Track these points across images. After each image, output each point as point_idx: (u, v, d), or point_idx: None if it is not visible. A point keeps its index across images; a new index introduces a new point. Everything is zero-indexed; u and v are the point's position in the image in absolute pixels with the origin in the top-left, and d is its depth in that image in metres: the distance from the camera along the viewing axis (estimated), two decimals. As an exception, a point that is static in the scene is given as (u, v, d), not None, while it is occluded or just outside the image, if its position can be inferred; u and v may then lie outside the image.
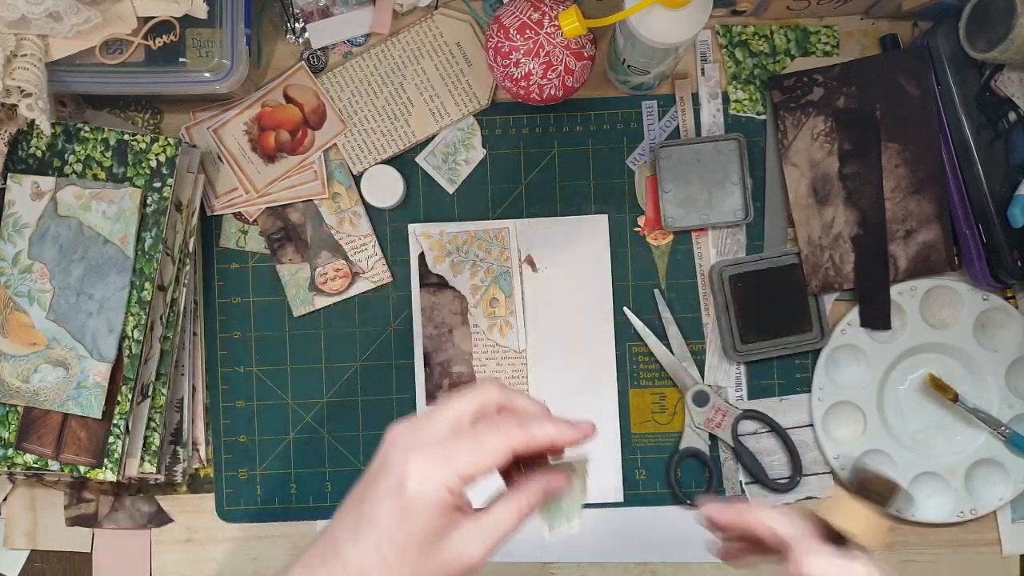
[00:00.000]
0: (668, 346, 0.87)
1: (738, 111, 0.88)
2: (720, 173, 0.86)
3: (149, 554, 0.87)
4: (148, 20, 0.79)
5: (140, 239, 0.79)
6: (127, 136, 0.81)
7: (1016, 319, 0.85)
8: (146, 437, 0.80)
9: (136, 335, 0.78)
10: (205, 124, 0.88)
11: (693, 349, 0.87)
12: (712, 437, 0.87)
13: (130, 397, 0.78)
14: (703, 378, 0.87)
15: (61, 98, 0.85)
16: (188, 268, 0.83)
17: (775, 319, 0.86)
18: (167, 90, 0.82)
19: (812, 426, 0.86)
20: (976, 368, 0.86)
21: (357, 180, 0.88)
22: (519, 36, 0.77)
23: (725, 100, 0.88)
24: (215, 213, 0.88)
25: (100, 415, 0.77)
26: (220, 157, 0.88)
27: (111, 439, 0.77)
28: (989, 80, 0.82)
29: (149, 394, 0.80)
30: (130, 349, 0.78)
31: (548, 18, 0.77)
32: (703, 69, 0.88)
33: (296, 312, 0.88)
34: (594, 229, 0.88)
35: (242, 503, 0.88)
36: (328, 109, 0.88)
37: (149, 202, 0.80)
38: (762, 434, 0.87)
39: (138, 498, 0.87)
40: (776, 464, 0.87)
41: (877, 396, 0.86)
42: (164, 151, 0.80)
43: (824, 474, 0.86)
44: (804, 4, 0.85)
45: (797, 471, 0.86)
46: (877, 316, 0.85)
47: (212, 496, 0.88)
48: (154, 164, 0.80)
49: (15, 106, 0.77)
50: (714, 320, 0.87)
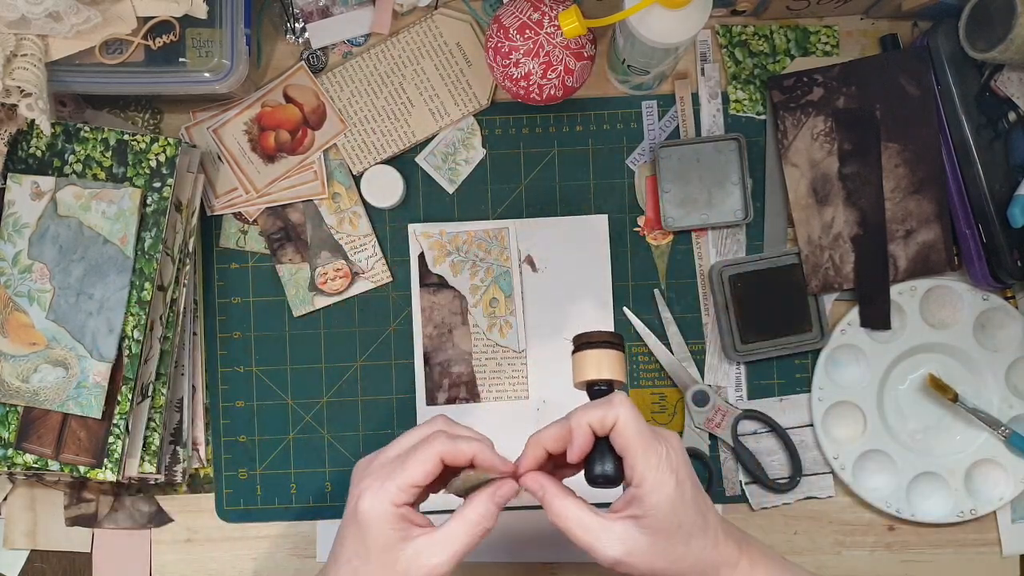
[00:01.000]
0: (668, 346, 0.87)
1: (738, 111, 0.88)
2: (720, 173, 0.86)
3: (149, 554, 0.87)
4: (148, 20, 0.79)
5: (140, 239, 0.79)
6: (127, 136, 0.81)
7: (1016, 319, 0.85)
8: (146, 437, 0.80)
9: (136, 335, 0.78)
10: (205, 124, 0.88)
11: (693, 349, 0.87)
12: (712, 437, 0.87)
13: (130, 397, 0.78)
14: (703, 378, 0.87)
15: (61, 98, 0.85)
16: (188, 268, 0.83)
17: (775, 319, 0.86)
18: (167, 90, 0.82)
19: (812, 426, 0.86)
20: (976, 368, 0.86)
21: (357, 180, 0.88)
22: (519, 36, 0.77)
23: (725, 100, 0.88)
24: (215, 213, 0.88)
25: (100, 415, 0.77)
26: (220, 157, 0.88)
27: (111, 439, 0.77)
28: (989, 80, 0.82)
29: (149, 394, 0.80)
30: (130, 349, 0.78)
31: (548, 18, 0.77)
32: (703, 69, 0.88)
33: (296, 312, 0.88)
34: (594, 229, 0.88)
35: (242, 503, 0.88)
36: (328, 109, 0.88)
37: (149, 202, 0.80)
38: (762, 434, 0.87)
39: (138, 498, 0.87)
40: (776, 464, 0.87)
41: (877, 396, 0.86)
42: (164, 151, 0.80)
43: (824, 474, 0.86)
44: (804, 4, 0.85)
45: (797, 471, 0.86)
46: (877, 316, 0.85)
47: (212, 496, 0.88)
48: (154, 164, 0.80)
49: (15, 106, 0.77)
50: (714, 320, 0.87)
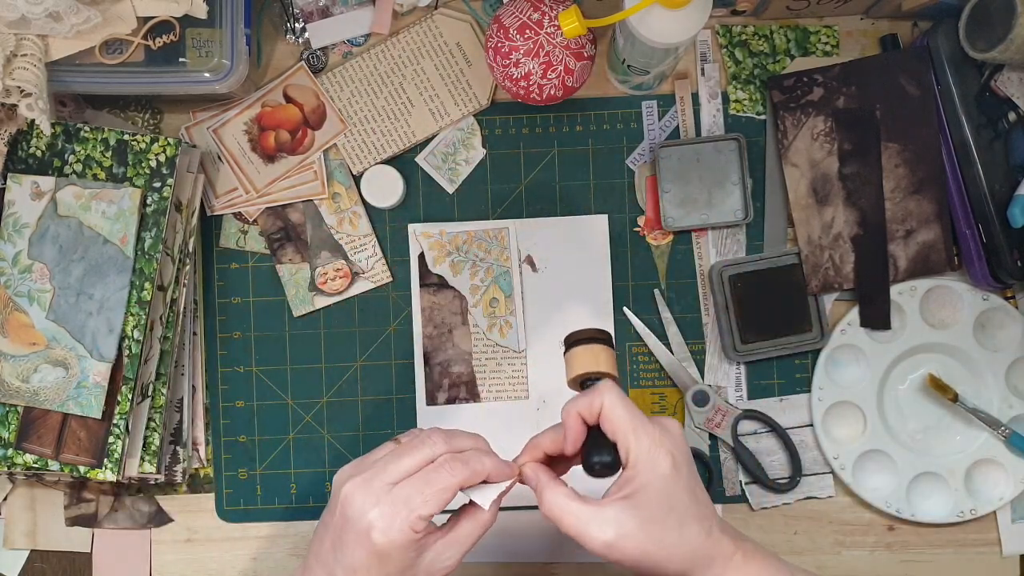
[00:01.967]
0: (668, 346, 0.87)
1: (738, 111, 0.88)
2: (720, 173, 0.86)
3: (149, 554, 0.87)
4: (148, 20, 0.79)
5: (140, 239, 0.79)
6: (127, 136, 0.81)
7: (1016, 319, 0.85)
8: (146, 437, 0.80)
9: (136, 335, 0.78)
10: (205, 124, 0.88)
11: (693, 349, 0.87)
12: (712, 437, 0.87)
13: (130, 397, 0.78)
14: (703, 378, 0.87)
15: (61, 98, 0.85)
16: (188, 268, 0.83)
17: (775, 319, 0.86)
18: (167, 90, 0.82)
19: (812, 426, 0.86)
20: (976, 368, 0.86)
21: (357, 180, 0.88)
22: (519, 36, 0.77)
23: (725, 100, 0.88)
24: (215, 213, 0.88)
25: (100, 415, 0.77)
26: (220, 157, 0.88)
27: (111, 439, 0.77)
28: (989, 80, 0.82)
29: (149, 394, 0.80)
30: (130, 349, 0.78)
31: (548, 18, 0.77)
32: (703, 69, 0.88)
33: (296, 312, 0.88)
34: (594, 229, 0.88)
35: (242, 503, 0.88)
36: (328, 109, 0.88)
37: (149, 202, 0.80)
38: (762, 434, 0.87)
39: (138, 498, 0.87)
40: (776, 464, 0.87)
41: (877, 396, 0.86)
42: (164, 151, 0.80)
43: (824, 474, 0.86)
44: (804, 4, 0.85)
45: (797, 471, 0.86)
46: (877, 316, 0.85)
47: (212, 496, 0.88)
48: (154, 164, 0.80)
49: (15, 106, 0.77)
50: (714, 320, 0.87)
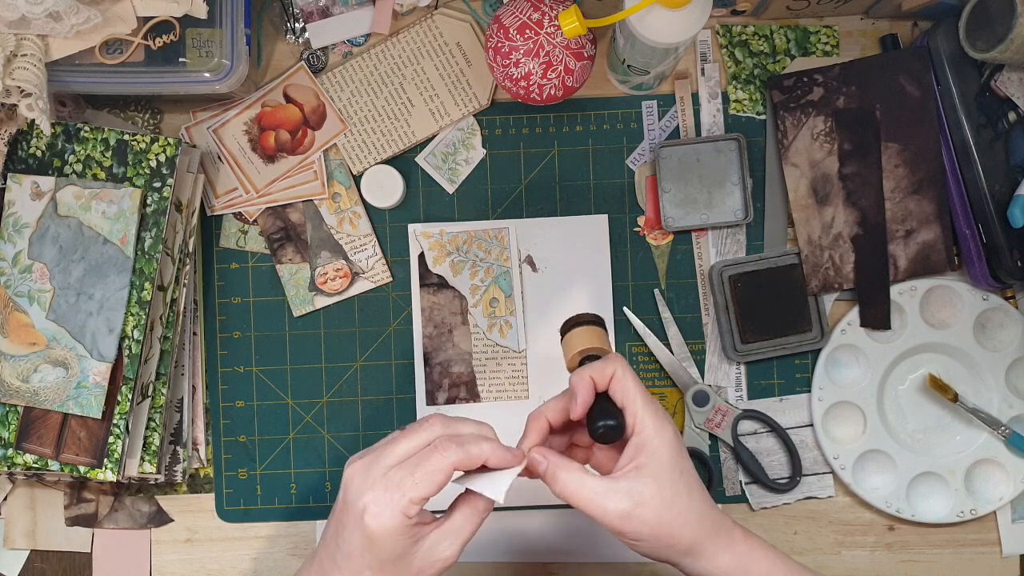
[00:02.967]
0: (668, 346, 0.87)
1: (738, 111, 0.88)
2: (720, 173, 0.86)
3: (149, 554, 0.87)
4: (148, 20, 0.79)
5: (140, 239, 0.79)
6: (127, 136, 0.81)
7: (1016, 319, 0.85)
8: (146, 437, 0.80)
9: (136, 335, 0.78)
10: (205, 124, 0.88)
11: (693, 349, 0.87)
12: (712, 437, 0.87)
13: (130, 397, 0.78)
14: (703, 378, 0.87)
15: (61, 98, 0.85)
16: (188, 268, 0.83)
17: (775, 319, 0.86)
18: (167, 90, 0.82)
19: (812, 426, 0.86)
20: (976, 368, 0.86)
21: (357, 180, 0.88)
22: (519, 36, 0.77)
23: (725, 100, 0.88)
24: (215, 213, 0.88)
25: (100, 415, 0.77)
26: (220, 157, 0.88)
27: (111, 439, 0.77)
28: (989, 80, 0.82)
29: (149, 394, 0.80)
30: (130, 349, 0.78)
31: (548, 18, 0.77)
32: (703, 69, 0.88)
33: (296, 312, 0.88)
34: (594, 229, 0.88)
35: (242, 503, 0.88)
36: (328, 109, 0.88)
37: (149, 202, 0.80)
38: (762, 434, 0.87)
39: (138, 498, 0.87)
40: (776, 464, 0.87)
41: (877, 396, 0.86)
42: (164, 151, 0.80)
43: (824, 474, 0.86)
44: (804, 4, 0.85)
45: (797, 471, 0.86)
46: (877, 316, 0.85)
47: (212, 496, 0.88)
48: (154, 164, 0.80)
49: (15, 106, 0.77)
50: (714, 320, 0.87)
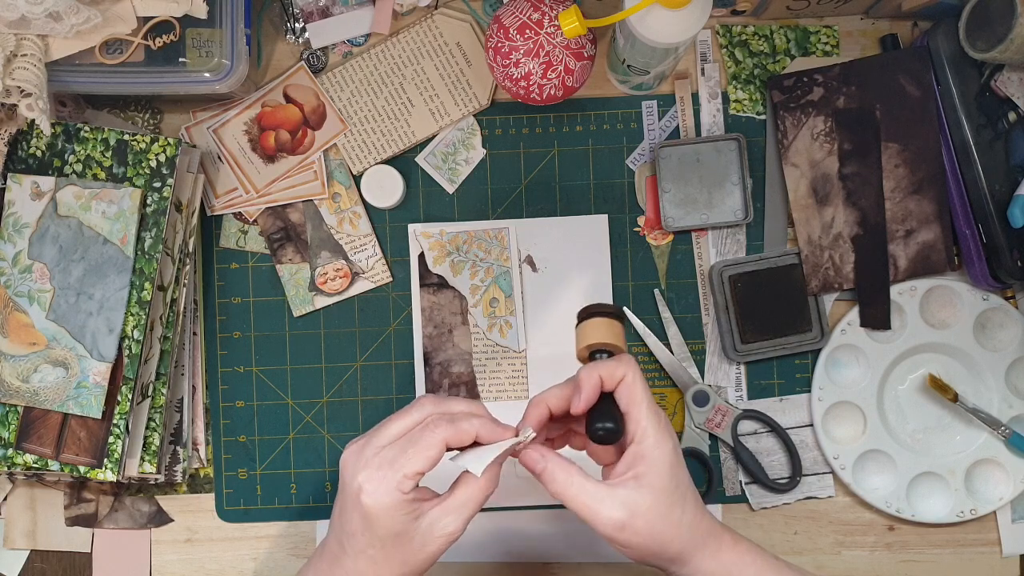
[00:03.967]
0: (668, 346, 0.87)
1: (738, 111, 0.88)
2: (720, 173, 0.86)
3: (149, 554, 0.87)
4: (148, 20, 0.79)
5: (140, 239, 0.79)
6: (127, 136, 0.81)
7: (1016, 319, 0.85)
8: (146, 437, 0.80)
9: (136, 335, 0.78)
10: (205, 124, 0.88)
11: (693, 349, 0.87)
12: (712, 437, 0.87)
13: (130, 397, 0.78)
14: (703, 378, 0.87)
15: (61, 98, 0.85)
16: (188, 268, 0.83)
17: (775, 319, 0.86)
18: (167, 90, 0.82)
19: (812, 426, 0.86)
20: (976, 368, 0.86)
21: (357, 180, 0.88)
22: (519, 36, 0.77)
23: (725, 100, 0.88)
24: (215, 213, 0.88)
25: (100, 415, 0.77)
26: (220, 157, 0.88)
27: (111, 439, 0.77)
28: (989, 80, 0.82)
29: (149, 394, 0.80)
30: (130, 349, 0.78)
31: (548, 18, 0.77)
32: (703, 69, 0.88)
33: (296, 312, 0.88)
34: (594, 229, 0.88)
35: (242, 503, 0.88)
36: (328, 109, 0.88)
37: (149, 202, 0.80)
38: (762, 434, 0.87)
39: (138, 498, 0.87)
40: (776, 464, 0.87)
41: (877, 396, 0.86)
42: (164, 151, 0.80)
43: (824, 474, 0.86)
44: (804, 4, 0.85)
45: (797, 471, 0.86)
46: (877, 316, 0.85)
47: (212, 496, 0.88)
48: (154, 164, 0.80)
49: (15, 106, 0.77)
50: (714, 320, 0.87)
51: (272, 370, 0.88)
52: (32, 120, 0.79)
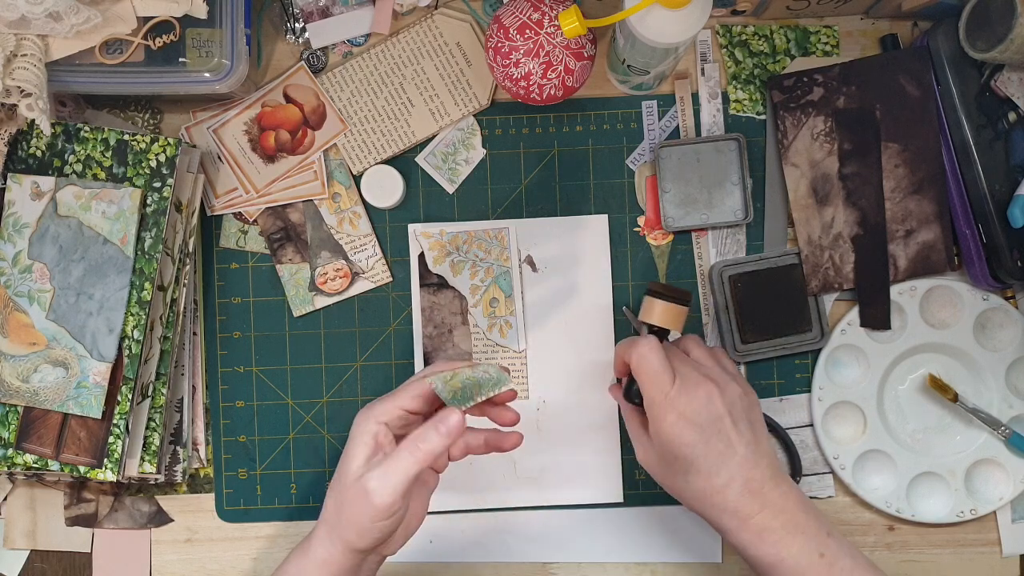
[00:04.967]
0: (668, 346, 0.87)
1: (738, 111, 0.88)
2: (720, 173, 0.86)
3: (149, 554, 0.87)
4: (148, 20, 0.79)
5: (140, 239, 0.79)
6: (127, 136, 0.81)
7: (1016, 319, 0.85)
8: (146, 437, 0.80)
9: (136, 335, 0.78)
10: (205, 124, 0.88)
11: (693, 349, 0.87)
12: (712, 437, 0.87)
13: (130, 397, 0.78)
14: (703, 378, 0.87)
15: (61, 98, 0.85)
16: (188, 268, 0.83)
17: (775, 319, 0.86)
18: (167, 90, 0.82)
19: (812, 426, 0.86)
20: (976, 368, 0.86)
21: (357, 180, 0.88)
22: (519, 36, 0.77)
23: (725, 100, 0.88)
24: (215, 213, 0.88)
25: (100, 415, 0.77)
26: (220, 157, 0.88)
27: (111, 439, 0.77)
28: (989, 80, 0.82)
29: (149, 394, 0.80)
30: (130, 349, 0.78)
31: (548, 18, 0.77)
32: (703, 69, 0.88)
33: (296, 312, 0.88)
34: (594, 229, 0.88)
35: (242, 503, 0.88)
36: (328, 109, 0.88)
37: (149, 202, 0.80)
38: (762, 434, 0.87)
39: (138, 498, 0.87)
40: (776, 464, 0.87)
41: (877, 396, 0.86)
42: (164, 151, 0.80)
43: (824, 474, 0.86)
44: (804, 4, 0.85)
45: (797, 471, 0.86)
46: (877, 316, 0.85)
47: (212, 496, 0.88)
48: (154, 164, 0.80)
49: (15, 106, 0.77)
50: (714, 320, 0.87)
51: (272, 370, 0.88)
52: (32, 120, 0.79)
